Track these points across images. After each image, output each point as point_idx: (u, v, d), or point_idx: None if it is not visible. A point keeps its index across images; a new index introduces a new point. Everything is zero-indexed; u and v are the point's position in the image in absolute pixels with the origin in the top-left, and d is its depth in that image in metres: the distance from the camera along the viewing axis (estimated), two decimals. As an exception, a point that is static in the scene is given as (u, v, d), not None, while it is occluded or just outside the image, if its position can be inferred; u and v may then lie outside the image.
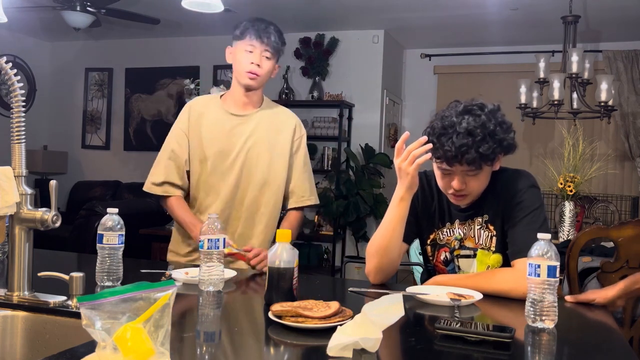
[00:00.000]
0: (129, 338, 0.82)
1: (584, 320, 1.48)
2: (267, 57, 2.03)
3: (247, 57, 2.02)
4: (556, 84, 4.09)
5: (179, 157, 2.07)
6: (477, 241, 1.70)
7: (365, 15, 5.30)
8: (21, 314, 1.30)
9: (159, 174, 2.07)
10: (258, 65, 2.01)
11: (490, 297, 1.51)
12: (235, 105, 2.09)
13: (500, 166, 1.67)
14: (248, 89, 2.05)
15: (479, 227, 1.69)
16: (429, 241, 1.77)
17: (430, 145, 1.53)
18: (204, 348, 1.08)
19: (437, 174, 1.65)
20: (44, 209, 1.32)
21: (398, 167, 1.55)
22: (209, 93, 3.73)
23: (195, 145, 2.07)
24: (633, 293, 1.57)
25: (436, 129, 1.56)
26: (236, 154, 2.04)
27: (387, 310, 1.12)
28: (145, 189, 2.07)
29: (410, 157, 1.52)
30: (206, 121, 2.08)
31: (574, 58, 4.07)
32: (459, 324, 1.17)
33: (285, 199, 2.13)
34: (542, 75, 4.24)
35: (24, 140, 1.30)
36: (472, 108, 1.56)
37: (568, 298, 1.54)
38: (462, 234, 1.71)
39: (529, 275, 1.24)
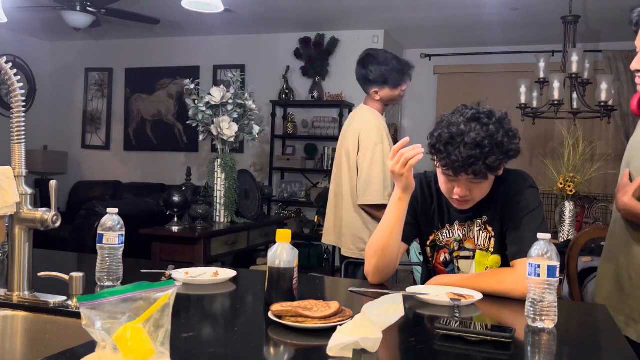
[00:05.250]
0: (129, 338, 0.82)
1: (584, 320, 1.48)
2: None
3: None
4: (556, 84, 4.09)
5: None
6: (476, 242, 1.70)
7: (365, 15, 5.30)
8: (21, 314, 1.30)
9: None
10: None
11: (490, 297, 1.51)
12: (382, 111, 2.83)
13: None
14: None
15: (478, 228, 1.69)
16: (428, 242, 1.77)
17: (419, 146, 1.53)
18: (204, 348, 1.08)
19: (441, 178, 1.64)
20: (44, 209, 1.32)
21: (391, 171, 1.56)
22: (209, 94, 3.72)
23: None
24: None
25: (443, 137, 1.53)
26: None
27: (387, 310, 1.12)
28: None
29: (403, 160, 1.52)
30: None
31: (574, 58, 4.07)
32: (459, 324, 1.17)
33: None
34: (542, 75, 4.24)
35: (24, 140, 1.30)
36: (480, 116, 1.54)
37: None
38: (461, 236, 1.71)
39: (529, 275, 1.24)
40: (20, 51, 6.50)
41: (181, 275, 1.61)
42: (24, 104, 1.32)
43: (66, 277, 1.30)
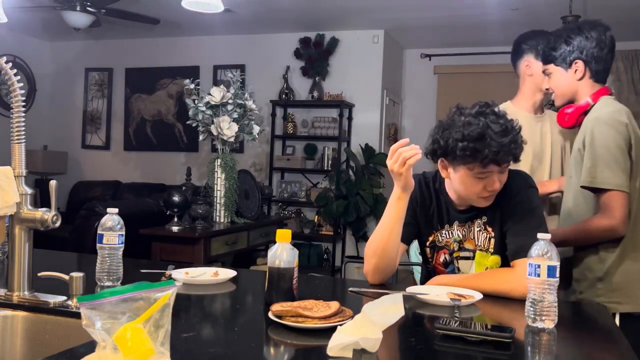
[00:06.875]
0: (129, 338, 0.82)
1: (584, 320, 1.48)
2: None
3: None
4: (556, 84, 4.08)
5: None
6: (476, 243, 1.69)
7: (365, 15, 5.30)
8: (21, 314, 1.30)
9: None
10: None
11: (490, 297, 1.51)
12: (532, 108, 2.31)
13: None
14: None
15: (478, 229, 1.69)
16: (428, 243, 1.77)
17: (416, 146, 1.53)
18: (204, 348, 1.08)
19: (468, 181, 1.58)
20: (44, 209, 1.32)
21: (390, 169, 1.56)
22: (209, 94, 3.73)
23: None
24: None
25: (471, 136, 1.51)
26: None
27: (387, 310, 1.12)
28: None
29: (401, 159, 1.52)
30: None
31: (574, 58, 4.06)
32: (459, 324, 1.17)
33: None
34: (542, 75, 4.23)
35: (24, 140, 1.30)
36: (483, 110, 1.56)
37: None
38: (461, 236, 1.71)
39: (529, 275, 1.24)
40: (20, 51, 6.50)
41: (181, 275, 1.61)
42: (24, 104, 1.32)
43: (66, 277, 1.30)
